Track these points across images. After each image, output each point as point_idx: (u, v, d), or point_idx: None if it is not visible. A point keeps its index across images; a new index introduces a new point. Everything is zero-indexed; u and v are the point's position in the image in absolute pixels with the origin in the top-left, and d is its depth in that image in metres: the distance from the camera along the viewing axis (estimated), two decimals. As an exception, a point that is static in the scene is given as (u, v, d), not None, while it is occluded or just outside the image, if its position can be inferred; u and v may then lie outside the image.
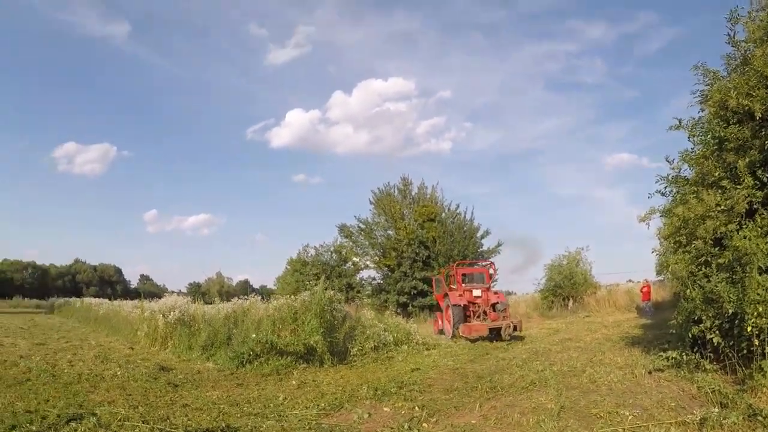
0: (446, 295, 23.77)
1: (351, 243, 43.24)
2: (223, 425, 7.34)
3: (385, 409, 8.68)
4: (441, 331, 24.13)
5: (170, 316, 18.07)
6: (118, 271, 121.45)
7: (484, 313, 21.77)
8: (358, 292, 39.65)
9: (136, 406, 8.68)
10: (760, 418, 6.19)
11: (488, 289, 23.61)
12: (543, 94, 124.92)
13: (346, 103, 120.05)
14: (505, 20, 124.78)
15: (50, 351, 16.18)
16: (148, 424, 7.29)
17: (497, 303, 22.19)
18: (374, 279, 42.46)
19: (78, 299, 49.90)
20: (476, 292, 22.58)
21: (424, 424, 7.43)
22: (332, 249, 44.04)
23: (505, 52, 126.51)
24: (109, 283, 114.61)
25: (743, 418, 6.29)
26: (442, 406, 8.66)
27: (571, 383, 9.79)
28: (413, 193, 42.55)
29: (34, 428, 6.73)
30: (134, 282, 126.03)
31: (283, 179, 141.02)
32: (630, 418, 6.99)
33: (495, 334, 19.77)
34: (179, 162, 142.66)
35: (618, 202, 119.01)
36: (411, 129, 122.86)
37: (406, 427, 7.25)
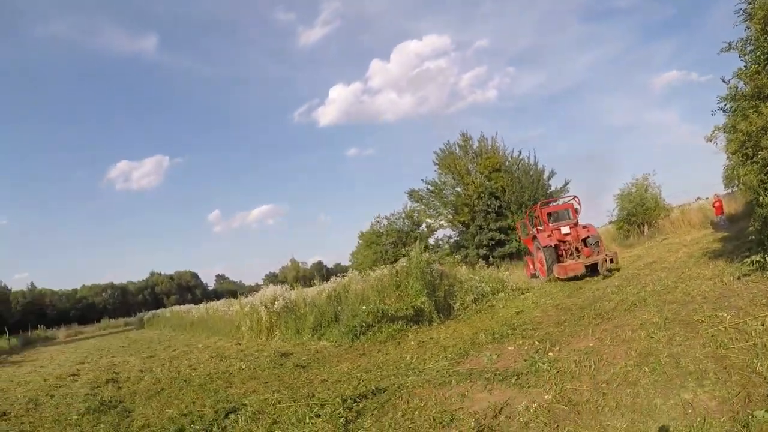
0: (534, 237, 22.98)
1: (422, 206, 43.39)
2: (373, 387, 8.03)
3: (509, 348, 9.58)
4: (534, 275, 23.59)
5: (276, 306, 18.99)
6: (195, 276, 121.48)
7: (576, 250, 20.72)
8: (436, 252, 40.11)
9: (278, 390, 9.39)
10: (844, 298, 7.13)
11: (576, 224, 22.16)
12: (580, 26, 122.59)
13: (385, 70, 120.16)
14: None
15: (165, 360, 16.96)
16: (299, 402, 8.02)
17: (588, 237, 21.04)
18: (451, 237, 42.78)
19: (167, 309, 50.76)
20: (565, 230, 21.60)
21: (550, 353, 8.32)
22: (404, 215, 44.29)
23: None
24: (187, 288, 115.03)
25: (828, 301, 7.23)
26: (558, 337, 9.52)
27: (668, 299, 10.65)
28: (474, 147, 42.25)
29: (198, 427, 7.47)
30: (211, 284, 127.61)
31: (336, 156, 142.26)
32: (728, 318, 7.93)
33: (591, 270, 18.98)
34: (232, 159, 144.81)
35: (674, 121, 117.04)
36: (454, 84, 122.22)
37: (536, 357, 8.15)
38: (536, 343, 9.42)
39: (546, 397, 6.19)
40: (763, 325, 7.13)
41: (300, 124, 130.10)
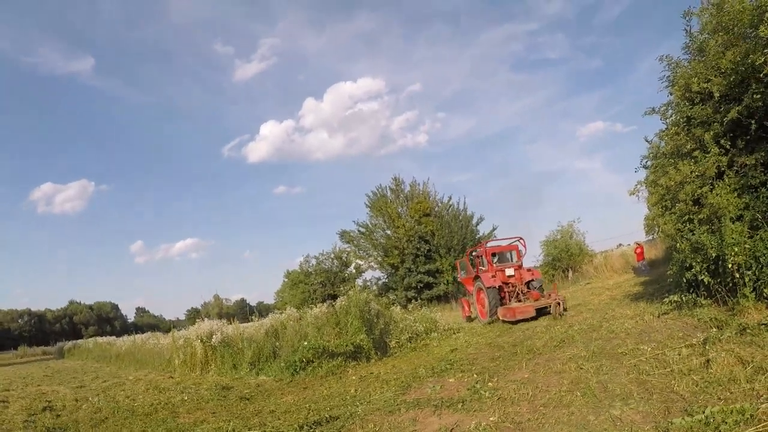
0: (477, 277, 21.68)
1: (353, 247, 44.15)
2: (326, 416, 8.40)
3: (450, 380, 10.13)
4: (470, 318, 23.04)
5: (214, 340, 18.86)
6: (115, 308, 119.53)
7: (521, 293, 20.00)
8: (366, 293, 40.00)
9: (228, 420, 9.35)
10: (749, 330, 8.19)
11: (520, 266, 21.47)
12: (510, 75, 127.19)
13: (318, 109, 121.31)
14: (465, 6, 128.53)
15: (98, 391, 16.26)
16: (254, 430, 8.27)
17: (532, 280, 20.48)
18: (379, 279, 43.40)
19: (89, 340, 49.27)
20: (509, 272, 20.67)
21: (489, 384, 8.92)
22: (332, 256, 45.00)
23: (467, 38, 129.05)
24: (107, 320, 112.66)
25: (736, 333, 8.26)
26: (495, 371, 10.14)
27: (594, 336, 11.53)
28: (406, 191, 43.41)
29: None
30: (131, 316, 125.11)
31: (264, 193, 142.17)
32: (649, 350, 8.85)
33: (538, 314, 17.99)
34: (158, 189, 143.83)
35: (598, 169, 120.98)
36: (385, 127, 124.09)
37: (477, 386, 8.73)
38: (475, 375, 9.97)
39: (491, 419, 6.81)
40: (679, 355, 8.06)
41: (229, 159, 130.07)
